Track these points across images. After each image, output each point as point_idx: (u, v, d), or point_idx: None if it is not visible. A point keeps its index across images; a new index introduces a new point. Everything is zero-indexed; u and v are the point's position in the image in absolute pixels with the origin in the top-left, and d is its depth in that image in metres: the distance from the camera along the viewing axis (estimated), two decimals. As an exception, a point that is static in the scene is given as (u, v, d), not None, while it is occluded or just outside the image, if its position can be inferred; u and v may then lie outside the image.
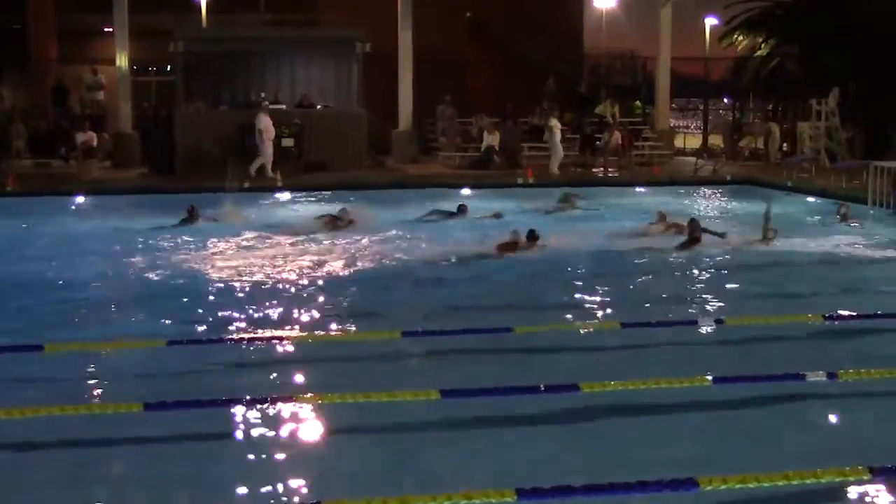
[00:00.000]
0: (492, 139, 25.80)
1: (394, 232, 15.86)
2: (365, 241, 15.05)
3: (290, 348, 9.04)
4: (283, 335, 9.45)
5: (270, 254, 14.06)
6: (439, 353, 8.78)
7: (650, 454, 6.46)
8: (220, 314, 10.34)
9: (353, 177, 23.19)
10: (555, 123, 25.15)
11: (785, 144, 29.69)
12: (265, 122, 22.90)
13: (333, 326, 9.92)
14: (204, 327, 9.73)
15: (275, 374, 8.25)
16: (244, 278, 12.34)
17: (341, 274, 12.86)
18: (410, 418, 6.97)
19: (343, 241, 14.97)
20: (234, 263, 13.34)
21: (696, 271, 13.01)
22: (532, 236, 14.18)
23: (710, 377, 7.46)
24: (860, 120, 26.47)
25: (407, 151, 27.04)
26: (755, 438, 6.78)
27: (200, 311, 10.53)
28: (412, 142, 27.34)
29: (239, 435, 6.73)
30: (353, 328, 9.87)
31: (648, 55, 32.14)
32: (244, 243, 15.00)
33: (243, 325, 9.90)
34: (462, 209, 17.41)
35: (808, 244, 14.79)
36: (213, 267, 13.15)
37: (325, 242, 14.96)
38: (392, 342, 8.98)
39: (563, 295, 11.59)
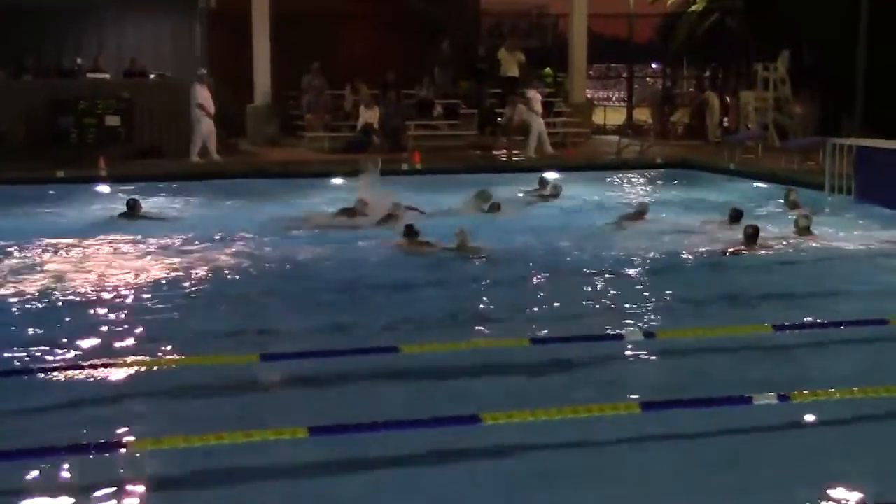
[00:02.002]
0: (370, 115, 25.88)
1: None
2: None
3: (122, 378, 8.85)
4: (113, 362, 9.21)
5: (144, 265, 13.81)
6: (307, 380, 8.75)
7: (566, 499, 6.54)
8: (47, 340, 10.01)
9: (195, 163, 23.00)
10: (533, 94, 25.78)
11: (726, 119, 30.38)
12: (203, 95, 23.22)
13: (184, 349, 9.76)
14: (20, 356, 9.46)
15: (100, 413, 8.10)
16: (99, 293, 12.11)
17: (230, 283, 12.84)
18: (272, 462, 6.94)
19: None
20: (97, 273, 13.13)
21: (630, 274, 13.25)
22: (410, 232, 14.41)
23: (638, 403, 7.58)
24: (815, 89, 27.17)
25: (265, 132, 26.93)
26: (690, 475, 6.92)
27: (23, 335, 10.24)
28: (271, 120, 27.26)
29: (54, 494, 6.58)
30: (206, 352, 9.73)
31: (560, 12, 32.57)
32: (139, 249, 14.82)
33: (67, 352, 9.65)
34: (495, 207, 17.67)
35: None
36: (60, 279, 12.80)
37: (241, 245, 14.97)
38: (249, 367, 8.93)
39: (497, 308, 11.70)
